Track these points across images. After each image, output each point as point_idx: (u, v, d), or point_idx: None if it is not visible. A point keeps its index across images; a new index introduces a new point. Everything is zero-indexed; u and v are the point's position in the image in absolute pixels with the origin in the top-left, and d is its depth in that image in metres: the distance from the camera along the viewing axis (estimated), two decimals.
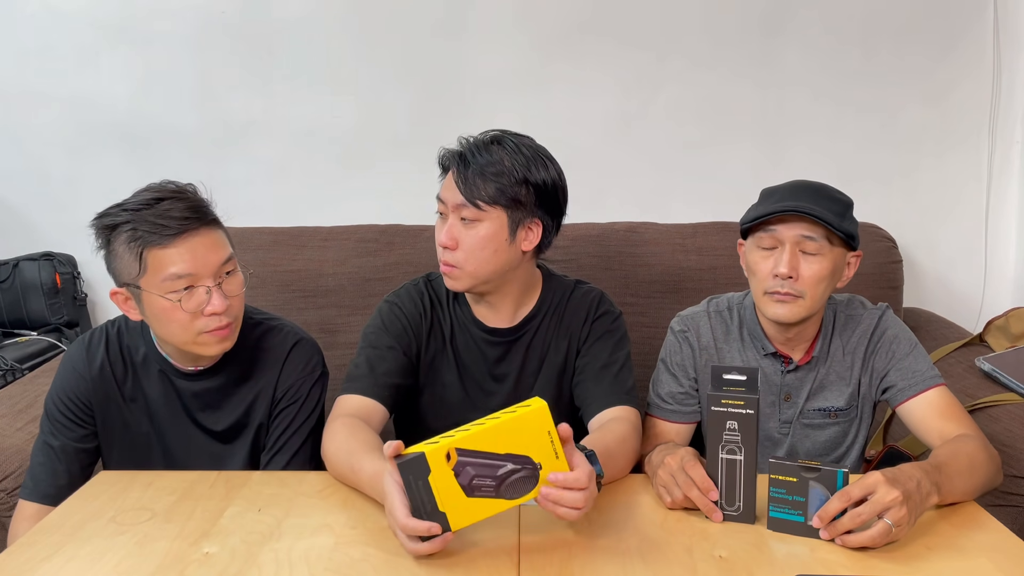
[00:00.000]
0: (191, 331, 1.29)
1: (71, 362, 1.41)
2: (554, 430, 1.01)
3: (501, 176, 1.35)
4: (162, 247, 1.25)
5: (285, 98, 2.37)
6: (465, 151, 1.38)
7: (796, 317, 1.35)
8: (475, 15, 2.32)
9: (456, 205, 1.36)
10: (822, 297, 1.35)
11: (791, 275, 1.31)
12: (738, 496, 1.13)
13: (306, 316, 2.07)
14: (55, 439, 1.38)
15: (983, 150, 2.38)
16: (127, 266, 1.27)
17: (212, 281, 1.28)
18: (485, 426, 1.00)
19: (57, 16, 2.34)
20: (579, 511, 1.02)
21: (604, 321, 1.48)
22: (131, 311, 1.33)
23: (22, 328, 2.39)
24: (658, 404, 1.48)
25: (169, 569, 1.02)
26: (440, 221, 1.41)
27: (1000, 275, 2.43)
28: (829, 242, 1.31)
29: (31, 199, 2.46)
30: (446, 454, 0.98)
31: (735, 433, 1.12)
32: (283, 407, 1.40)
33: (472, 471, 1.00)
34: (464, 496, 1.00)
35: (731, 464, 1.13)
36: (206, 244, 1.28)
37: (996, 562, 1.02)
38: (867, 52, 2.32)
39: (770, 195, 1.38)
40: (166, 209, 1.25)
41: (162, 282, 1.25)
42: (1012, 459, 1.51)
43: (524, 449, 1.01)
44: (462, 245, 1.36)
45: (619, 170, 2.39)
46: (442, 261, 1.40)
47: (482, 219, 1.36)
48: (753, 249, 1.37)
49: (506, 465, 1.00)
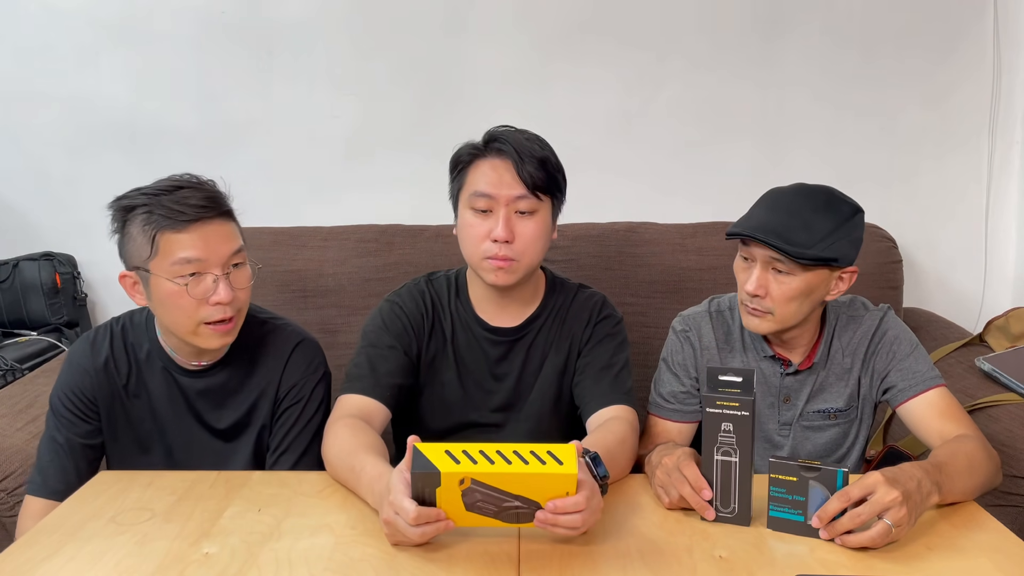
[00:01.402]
0: (194, 319, 1.29)
1: (76, 358, 1.42)
2: (574, 490, 0.99)
3: (547, 165, 1.38)
4: (175, 231, 1.26)
5: (285, 98, 2.37)
6: (511, 141, 1.37)
7: (766, 330, 1.37)
8: (475, 15, 2.32)
9: (513, 197, 1.36)
10: (796, 314, 1.34)
11: (758, 293, 1.32)
12: (733, 498, 1.13)
13: (306, 316, 2.07)
14: (61, 435, 1.39)
15: (983, 151, 2.38)
16: (139, 248, 1.28)
17: (220, 270, 1.29)
18: (512, 468, 0.97)
19: (57, 16, 2.33)
20: (577, 530, 1.02)
21: (606, 325, 1.49)
22: (137, 295, 1.34)
23: (22, 328, 2.39)
24: (659, 403, 1.48)
25: (169, 569, 1.02)
26: (477, 217, 1.38)
27: (1000, 275, 2.44)
28: (800, 265, 1.29)
29: (31, 199, 2.46)
30: (460, 479, 0.98)
31: (730, 435, 1.12)
32: (287, 406, 1.41)
33: (479, 496, 1.00)
34: (463, 510, 1.01)
35: (726, 466, 1.12)
36: (218, 233, 1.29)
37: (996, 562, 1.02)
38: (867, 53, 2.33)
39: (759, 204, 1.38)
40: (184, 196, 1.27)
41: (171, 266, 1.26)
42: (1012, 459, 1.51)
43: (538, 497, 1.00)
44: (520, 237, 1.37)
45: (619, 170, 2.39)
46: (497, 257, 1.36)
47: (538, 209, 1.38)
48: (737, 257, 1.39)
49: (513, 502, 1.00)
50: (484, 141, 1.41)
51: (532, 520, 1.02)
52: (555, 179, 1.40)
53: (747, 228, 1.31)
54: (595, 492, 1.04)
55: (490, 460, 0.97)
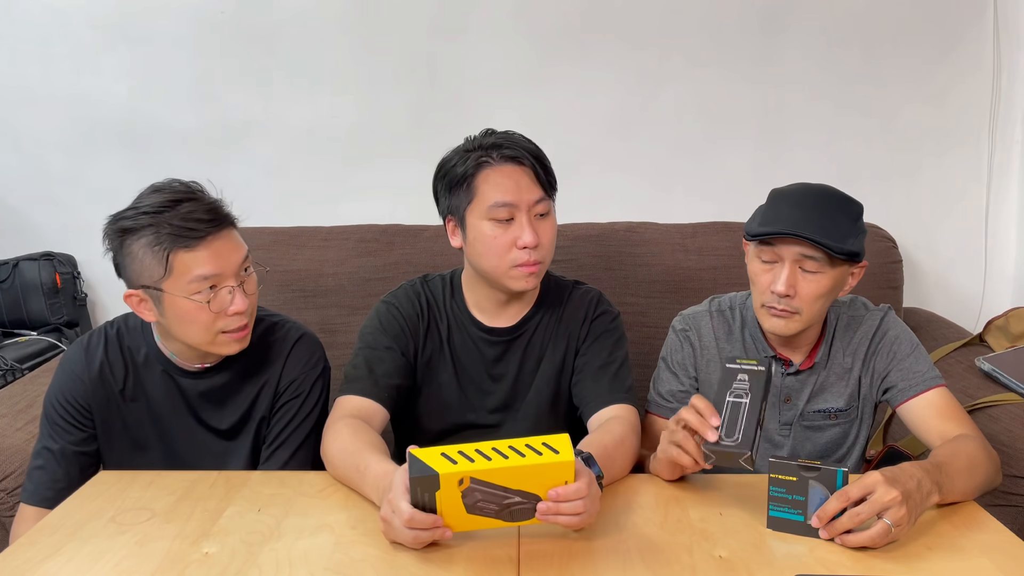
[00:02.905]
0: (212, 331, 1.30)
1: (69, 364, 1.40)
2: (572, 478, 1.00)
3: (547, 161, 1.42)
4: (189, 250, 1.25)
5: (285, 98, 2.37)
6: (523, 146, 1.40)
7: (792, 331, 1.35)
8: (475, 15, 2.32)
9: (534, 201, 1.38)
10: (820, 312, 1.34)
11: (788, 293, 1.31)
12: (738, 429, 1.10)
13: (306, 316, 2.07)
14: (54, 442, 1.38)
15: (983, 150, 2.38)
16: (148, 269, 1.26)
17: (235, 281, 1.30)
18: (509, 462, 0.98)
19: (56, 16, 2.33)
20: (580, 517, 1.02)
21: (603, 321, 1.49)
22: (146, 312, 1.32)
23: (22, 328, 2.39)
24: (659, 402, 1.48)
25: (169, 569, 1.02)
26: (499, 227, 1.36)
27: (1000, 275, 2.43)
28: (830, 262, 1.29)
29: (31, 199, 2.46)
30: (459, 479, 0.98)
31: (744, 383, 1.12)
32: (285, 401, 1.41)
33: (479, 496, 1.00)
34: (464, 512, 1.01)
35: (736, 406, 1.11)
36: (228, 245, 1.30)
37: (996, 562, 1.02)
38: (867, 52, 2.32)
39: (777, 202, 1.35)
40: (188, 212, 1.26)
41: (188, 284, 1.26)
42: (1012, 459, 1.51)
43: (537, 489, 1.01)
44: (543, 241, 1.39)
45: (619, 169, 2.39)
46: (528, 263, 1.37)
47: (550, 210, 1.41)
48: (754, 259, 1.36)
49: (513, 498, 1.01)
50: (486, 149, 1.38)
51: (534, 514, 1.02)
52: (555, 179, 1.43)
53: (783, 227, 1.28)
54: (593, 480, 1.04)
55: (487, 457, 0.98)
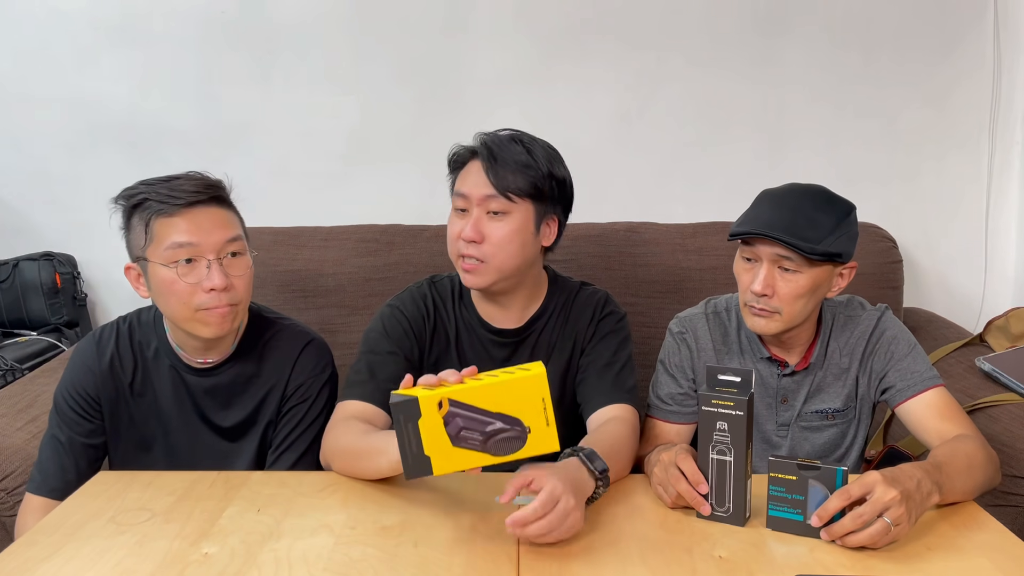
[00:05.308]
0: (190, 306, 1.29)
1: (81, 356, 1.42)
2: (548, 397, 1.03)
3: (530, 169, 1.37)
4: (168, 216, 1.27)
5: (285, 98, 2.37)
6: (491, 144, 1.38)
7: (773, 331, 1.35)
8: (476, 15, 2.32)
9: (484, 197, 1.36)
10: (802, 312, 1.34)
11: (765, 293, 1.31)
12: (728, 497, 1.12)
13: (306, 316, 2.07)
14: (63, 433, 1.39)
15: (983, 151, 2.37)
16: (137, 237, 1.30)
17: (213, 255, 1.29)
18: (482, 382, 1.03)
19: (57, 16, 2.33)
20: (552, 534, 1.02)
21: (609, 321, 1.49)
22: (140, 287, 1.35)
23: (22, 328, 2.39)
24: (657, 405, 1.48)
25: (169, 569, 1.02)
26: (457, 217, 1.41)
27: (1000, 275, 2.43)
28: (808, 262, 1.29)
29: (31, 199, 2.46)
30: (438, 403, 1.01)
31: (725, 434, 1.12)
32: (292, 405, 1.41)
33: (461, 422, 1.02)
34: (450, 444, 1.03)
35: (721, 465, 1.12)
36: (212, 219, 1.30)
37: (996, 562, 1.02)
38: (867, 53, 2.32)
39: (760, 202, 1.37)
40: (179, 184, 1.30)
41: (164, 251, 1.27)
42: (1012, 459, 1.50)
43: (516, 412, 1.03)
44: (489, 239, 1.37)
45: (619, 170, 2.39)
46: (463, 255, 1.38)
47: (511, 211, 1.37)
48: (738, 258, 1.38)
49: (495, 423, 1.03)
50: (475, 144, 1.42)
51: (521, 446, 1.04)
52: (536, 185, 1.38)
53: (755, 227, 1.30)
54: (556, 496, 1.03)
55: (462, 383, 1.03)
